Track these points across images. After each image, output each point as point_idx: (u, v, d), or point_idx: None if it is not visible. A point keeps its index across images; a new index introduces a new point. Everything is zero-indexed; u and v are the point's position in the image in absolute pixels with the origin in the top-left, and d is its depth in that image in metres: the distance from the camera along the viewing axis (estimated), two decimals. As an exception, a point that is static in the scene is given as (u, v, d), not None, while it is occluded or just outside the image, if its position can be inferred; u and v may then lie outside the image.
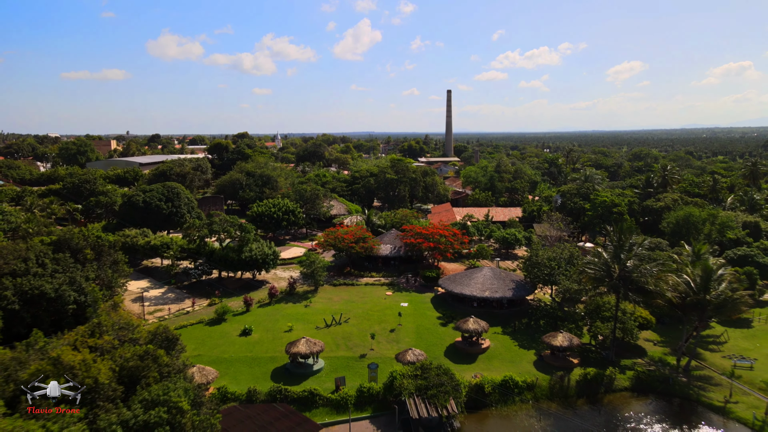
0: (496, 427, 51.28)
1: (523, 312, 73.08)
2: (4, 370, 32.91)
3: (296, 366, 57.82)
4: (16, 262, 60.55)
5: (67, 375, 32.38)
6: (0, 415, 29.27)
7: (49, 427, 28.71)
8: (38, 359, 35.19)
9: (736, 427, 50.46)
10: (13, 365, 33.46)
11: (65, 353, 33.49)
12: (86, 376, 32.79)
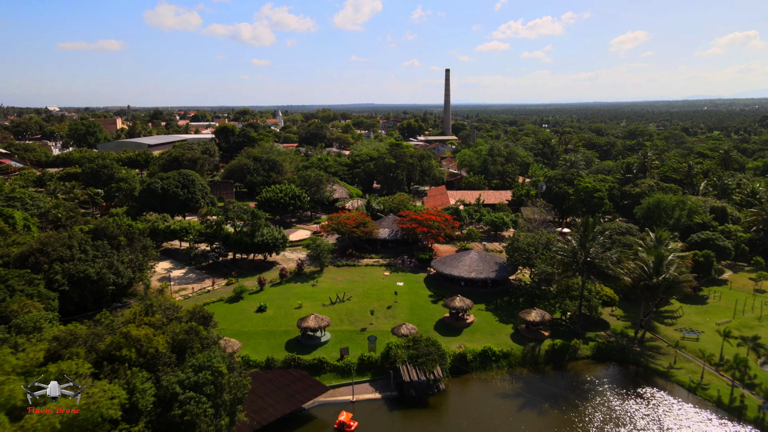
0: (475, 389, 61.21)
1: (505, 291, 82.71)
2: (85, 342, 42.41)
3: (306, 338, 67.58)
4: (62, 249, 70.01)
5: (136, 345, 41.94)
6: (89, 375, 38.80)
7: (131, 382, 38.35)
8: (109, 334, 44.71)
9: (675, 388, 60.43)
10: (92, 338, 42.98)
11: (132, 329, 42.98)
12: (149, 347, 42.36)
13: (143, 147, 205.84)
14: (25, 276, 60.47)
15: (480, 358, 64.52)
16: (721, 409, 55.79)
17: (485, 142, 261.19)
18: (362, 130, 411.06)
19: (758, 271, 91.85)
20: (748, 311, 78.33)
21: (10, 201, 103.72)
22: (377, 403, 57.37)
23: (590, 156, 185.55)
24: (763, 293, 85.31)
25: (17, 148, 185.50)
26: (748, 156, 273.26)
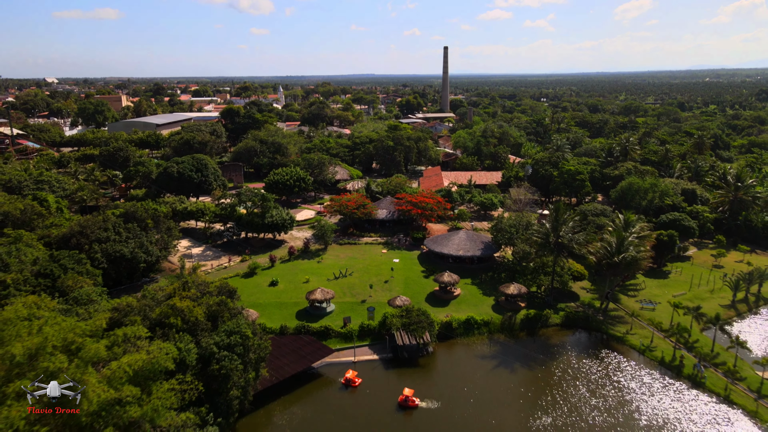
0: (459, 352, 71.76)
1: (489, 267, 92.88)
2: (139, 312, 52.55)
3: (314, 309, 77.92)
4: (99, 232, 79.97)
5: (180, 315, 52.08)
6: (146, 337, 48.94)
7: (178, 345, 48.56)
8: (156, 305, 54.81)
9: (628, 351, 70.97)
10: (144, 309, 53.11)
11: (176, 301, 53.11)
12: (191, 316, 52.53)
13: (152, 127, 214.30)
14: (74, 256, 70.47)
15: (464, 326, 74.96)
16: (663, 368, 66.40)
17: (481, 120, 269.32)
18: (362, 105, 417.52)
19: (720, 248, 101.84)
20: (704, 285, 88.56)
21: (39, 184, 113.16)
22: (375, 363, 67.93)
23: (580, 136, 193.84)
24: (721, 268, 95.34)
25: (33, 129, 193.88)
26: (738, 133, 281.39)
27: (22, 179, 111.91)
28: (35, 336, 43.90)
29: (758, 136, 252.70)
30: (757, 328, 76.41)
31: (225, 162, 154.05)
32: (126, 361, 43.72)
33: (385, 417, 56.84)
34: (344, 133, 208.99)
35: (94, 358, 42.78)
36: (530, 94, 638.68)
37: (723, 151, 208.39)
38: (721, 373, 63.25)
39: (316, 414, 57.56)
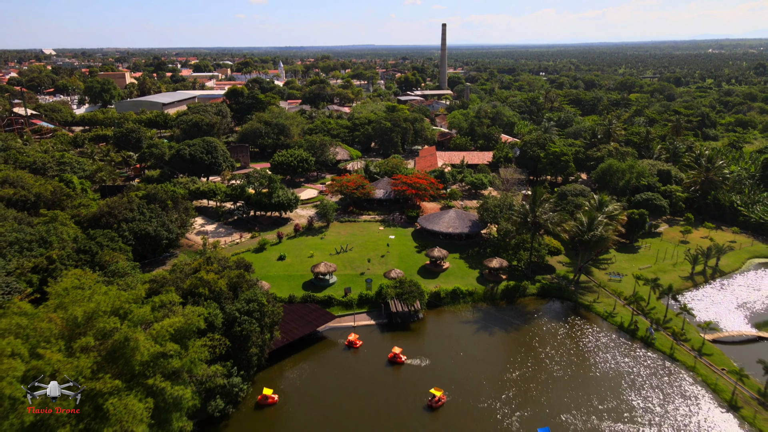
0: (446, 318, 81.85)
1: (476, 243, 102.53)
2: (173, 283, 62.30)
3: (318, 281, 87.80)
4: (126, 212, 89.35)
5: (207, 285, 61.82)
6: (179, 303, 58.70)
7: (207, 309, 58.38)
8: (186, 277, 64.49)
9: (593, 317, 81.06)
10: (176, 281, 62.85)
11: (203, 274, 62.83)
12: (216, 286, 62.29)
13: (158, 106, 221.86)
14: (107, 234, 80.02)
15: (451, 295, 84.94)
16: (621, 331, 76.57)
17: (478, 98, 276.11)
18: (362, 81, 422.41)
19: (687, 225, 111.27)
20: (669, 259, 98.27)
21: (61, 165, 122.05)
22: (372, 328, 78.08)
23: (571, 116, 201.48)
24: (687, 244, 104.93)
25: (45, 109, 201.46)
26: (729, 110, 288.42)
27: (46, 161, 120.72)
28: (89, 302, 53.75)
29: (746, 114, 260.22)
30: (707, 296, 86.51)
31: (232, 142, 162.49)
32: (167, 322, 53.52)
33: (377, 371, 67.19)
34: (344, 112, 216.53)
35: (141, 321, 52.61)
36: (529, 68, 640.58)
37: (709, 130, 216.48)
38: (669, 334, 73.40)
39: (321, 369, 67.90)
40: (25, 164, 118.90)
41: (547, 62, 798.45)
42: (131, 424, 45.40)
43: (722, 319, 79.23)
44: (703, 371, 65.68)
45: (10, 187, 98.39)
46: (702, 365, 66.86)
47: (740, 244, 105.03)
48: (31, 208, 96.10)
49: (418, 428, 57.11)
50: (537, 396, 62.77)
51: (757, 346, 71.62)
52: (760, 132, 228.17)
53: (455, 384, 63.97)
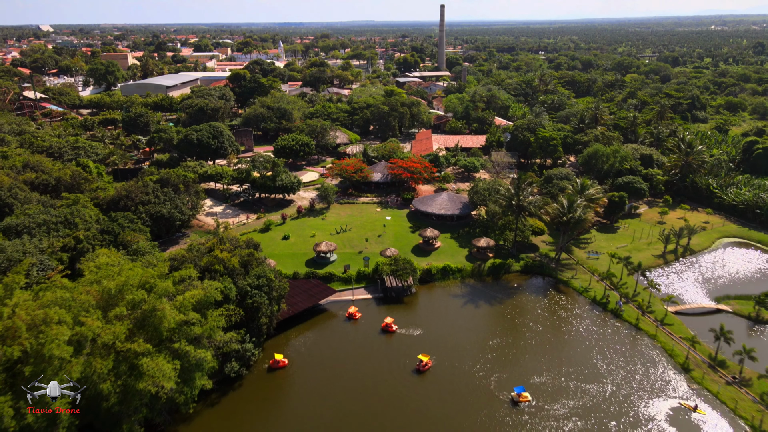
0: (436, 292, 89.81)
1: (466, 224, 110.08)
2: (191, 261, 70.01)
3: (320, 259, 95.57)
4: (142, 195, 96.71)
5: (222, 263, 69.53)
6: (196, 277, 66.49)
7: (223, 284, 66.19)
8: (202, 256, 72.16)
9: (570, 291, 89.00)
10: (194, 258, 70.55)
11: (217, 253, 70.51)
12: (230, 264, 70.04)
13: (162, 89, 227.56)
14: (127, 216, 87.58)
15: (441, 272, 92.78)
16: (594, 304, 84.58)
17: (475, 79, 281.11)
18: (361, 61, 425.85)
19: (665, 207, 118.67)
20: (645, 238, 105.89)
21: (75, 150, 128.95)
22: (369, 301, 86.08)
23: (564, 99, 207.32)
24: (663, 224, 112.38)
25: (53, 92, 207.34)
26: (722, 90, 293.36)
27: (62, 146, 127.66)
28: (120, 277, 61.52)
29: (737, 96, 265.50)
30: (676, 273, 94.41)
31: (236, 126, 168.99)
32: (189, 294, 61.43)
33: (371, 339, 75.37)
34: (343, 95, 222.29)
35: (165, 293, 60.39)
36: (529, 46, 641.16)
37: (699, 112, 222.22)
38: (636, 307, 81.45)
39: (323, 337, 76.09)
40: (42, 149, 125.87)
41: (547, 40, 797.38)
42: (162, 380, 53.48)
43: (686, 293, 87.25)
44: (663, 339, 73.81)
45: (32, 171, 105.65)
46: (662, 333, 74.97)
47: (712, 224, 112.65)
48: (52, 191, 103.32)
49: (407, 389, 65.35)
50: (515, 360, 71.01)
51: (714, 317, 79.57)
52: (749, 114, 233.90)
53: (441, 350, 72.15)
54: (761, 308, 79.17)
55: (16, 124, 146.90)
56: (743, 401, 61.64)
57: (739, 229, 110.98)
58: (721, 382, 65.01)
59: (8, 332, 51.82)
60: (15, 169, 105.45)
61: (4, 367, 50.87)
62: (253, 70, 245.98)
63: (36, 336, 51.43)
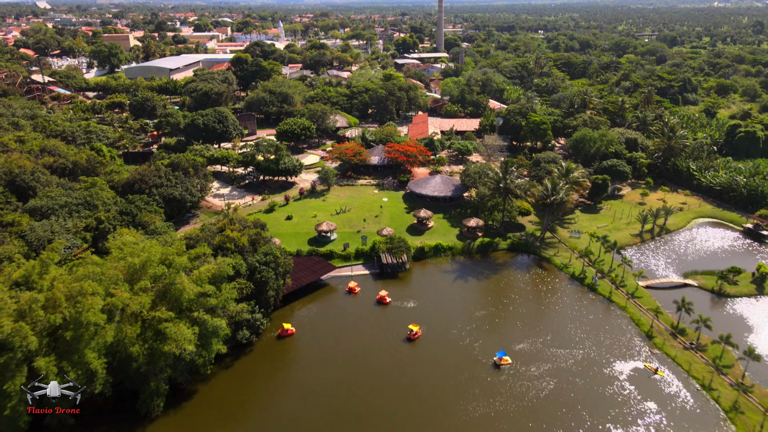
0: (429, 269, 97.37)
1: (458, 204, 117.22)
2: (205, 239, 77.33)
3: (321, 237, 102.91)
4: (155, 179, 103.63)
5: (233, 241, 76.85)
6: (212, 254, 73.90)
7: (234, 260, 73.57)
8: (214, 235, 79.46)
9: (552, 268, 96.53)
10: (207, 237, 77.88)
11: (228, 232, 77.83)
12: (240, 242, 77.39)
13: (165, 72, 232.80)
14: (143, 198, 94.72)
15: (433, 250, 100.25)
16: (573, 279, 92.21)
17: (473, 60, 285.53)
18: (360, 41, 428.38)
19: (646, 188, 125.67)
20: (625, 218, 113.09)
21: (88, 134, 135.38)
22: (367, 277, 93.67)
23: (558, 82, 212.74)
24: (644, 205, 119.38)
25: (61, 76, 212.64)
26: (716, 72, 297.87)
27: (74, 130, 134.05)
28: (143, 254, 68.88)
29: (729, 78, 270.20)
30: (650, 251, 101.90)
31: (239, 109, 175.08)
32: (204, 269, 68.90)
33: (368, 311, 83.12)
34: (343, 77, 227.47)
35: (183, 268, 67.90)
36: (529, 24, 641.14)
37: (690, 95, 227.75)
38: (610, 282, 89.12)
39: (324, 308, 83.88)
40: (56, 133, 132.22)
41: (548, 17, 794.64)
42: (184, 343, 61.21)
43: (658, 269, 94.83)
44: (632, 310, 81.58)
45: (49, 155, 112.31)
46: (632, 305, 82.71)
47: (690, 205, 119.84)
48: (69, 174, 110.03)
49: (398, 355, 73.20)
50: (498, 329, 78.84)
51: (681, 291, 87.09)
52: (740, 96, 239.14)
53: (431, 321, 79.95)
54: (723, 283, 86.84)
55: (29, 109, 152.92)
56: (697, 364, 69.57)
57: (714, 209, 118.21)
58: (679, 347, 72.89)
59: (49, 302, 59.39)
60: (33, 153, 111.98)
61: (47, 333, 58.52)
62: (253, 52, 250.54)
63: (74, 305, 58.94)
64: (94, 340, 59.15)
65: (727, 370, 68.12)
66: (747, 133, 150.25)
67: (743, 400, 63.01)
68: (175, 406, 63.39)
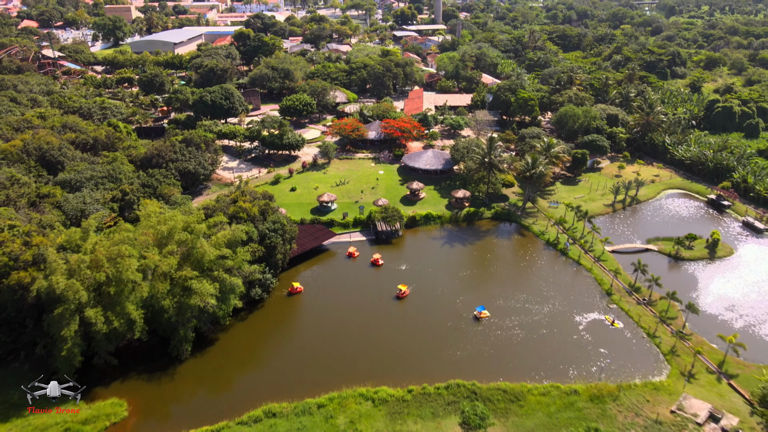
0: (420, 235, 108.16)
1: (448, 177, 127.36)
2: (220, 209, 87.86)
3: (322, 207, 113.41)
4: (170, 153, 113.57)
5: (245, 211, 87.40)
6: (227, 223, 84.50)
7: (247, 227, 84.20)
8: (228, 205, 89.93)
9: (530, 235, 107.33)
10: (222, 207, 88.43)
11: (241, 203, 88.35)
12: (251, 212, 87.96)
13: (169, 46, 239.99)
14: (162, 172, 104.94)
15: (424, 219, 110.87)
16: (548, 245, 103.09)
17: (470, 33, 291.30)
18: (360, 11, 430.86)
19: (623, 162, 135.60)
20: (601, 189, 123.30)
21: (103, 110, 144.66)
22: (364, 242, 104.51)
23: (550, 57, 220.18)
24: (620, 177, 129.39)
25: (69, 51, 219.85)
26: (709, 43, 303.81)
27: (90, 106, 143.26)
28: (169, 222, 79.54)
29: (719, 50, 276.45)
30: (619, 219, 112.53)
31: (243, 84, 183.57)
32: (221, 234, 79.67)
33: (363, 272, 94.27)
34: (342, 51, 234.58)
35: (202, 234, 78.60)
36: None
37: (678, 68, 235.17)
38: (579, 247, 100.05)
39: (325, 270, 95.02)
40: (74, 109, 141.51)
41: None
42: (207, 297, 72.31)
43: (625, 236, 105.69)
44: (596, 271, 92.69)
45: (71, 131, 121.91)
46: (597, 267, 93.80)
47: (661, 177, 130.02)
48: (90, 149, 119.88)
49: (390, 309, 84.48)
50: (479, 288, 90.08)
51: (642, 255, 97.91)
52: (728, 69, 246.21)
53: (419, 281, 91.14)
54: (680, 248, 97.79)
55: (45, 85, 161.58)
56: (646, 316, 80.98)
57: (683, 181, 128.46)
58: (633, 302, 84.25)
59: (93, 263, 70.31)
60: (56, 129, 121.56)
61: (93, 288, 69.58)
62: (254, 25, 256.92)
63: (114, 266, 69.90)
64: (132, 294, 70.25)
65: (671, 321, 79.51)
66: (724, 108, 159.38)
67: (680, 345, 74.54)
68: (201, 350, 74.86)
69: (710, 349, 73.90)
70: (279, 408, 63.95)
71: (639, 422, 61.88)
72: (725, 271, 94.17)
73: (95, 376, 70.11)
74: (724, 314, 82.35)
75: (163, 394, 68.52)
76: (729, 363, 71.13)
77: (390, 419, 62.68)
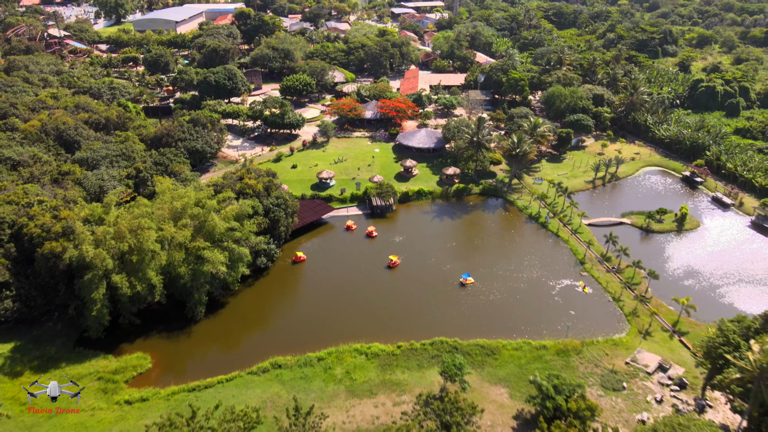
0: (412, 210, 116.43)
1: (440, 155, 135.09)
2: (229, 186, 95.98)
3: (321, 183, 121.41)
4: (179, 133, 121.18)
5: (251, 187, 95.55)
6: (234, 198, 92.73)
7: (252, 202, 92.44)
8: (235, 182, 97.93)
9: (514, 209, 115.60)
10: (230, 184, 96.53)
11: (247, 180, 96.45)
12: (256, 187, 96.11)
13: (171, 24, 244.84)
14: (172, 151, 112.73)
15: (417, 194, 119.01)
16: (530, 218, 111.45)
17: (467, 11, 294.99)
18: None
19: (606, 140, 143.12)
20: (583, 167, 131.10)
21: (112, 90, 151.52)
22: (360, 216, 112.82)
23: (544, 36, 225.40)
24: (602, 155, 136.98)
25: (74, 30, 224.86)
26: (704, 20, 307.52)
27: (100, 87, 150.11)
28: (183, 198, 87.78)
29: (712, 28, 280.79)
30: (598, 195, 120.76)
31: (245, 64, 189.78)
32: (230, 208, 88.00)
33: (358, 243, 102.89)
34: (341, 30, 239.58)
35: (213, 208, 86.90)
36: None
37: (670, 46, 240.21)
38: (558, 220, 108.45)
39: (325, 242, 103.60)
40: (84, 89, 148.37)
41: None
42: (218, 265, 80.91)
43: (601, 210, 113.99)
44: (572, 243, 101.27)
45: (84, 111, 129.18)
46: (573, 239, 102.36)
47: (641, 155, 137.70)
48: (103, 129, 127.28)
49: (380, 277, 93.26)
50: (465, 257, 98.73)
51: (617, 228, 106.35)
52: (719, 47, 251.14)
53: (410, 251, 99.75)
54: (651, 221, 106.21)
55: (54, 65, 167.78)
56: (613, 283, 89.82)
57: (661, 159, 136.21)
58: (603, 270, 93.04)
59: (116, 234, 78.72)
60: (69, 110, 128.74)
61: (117, 257, 78.13)
62: (254, 3, 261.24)
63: (135, 237, 78.32)
64: (152, 262, 78.84)
65: (635, 286, 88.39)
66: (707, 88, 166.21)
67: (641, 307, 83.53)
68: (213, 312, 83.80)
69: (667, 310, 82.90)
70: (284, 360, 73.14)
71: (597, 372, 71.14)
72: (690, 242, 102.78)
73: (120, 335, 79.07)
74: (684, 280, 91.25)
75: (181, 349, 77.69)
76: (682, 323, 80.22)
77: (381, 370, 71.91)
